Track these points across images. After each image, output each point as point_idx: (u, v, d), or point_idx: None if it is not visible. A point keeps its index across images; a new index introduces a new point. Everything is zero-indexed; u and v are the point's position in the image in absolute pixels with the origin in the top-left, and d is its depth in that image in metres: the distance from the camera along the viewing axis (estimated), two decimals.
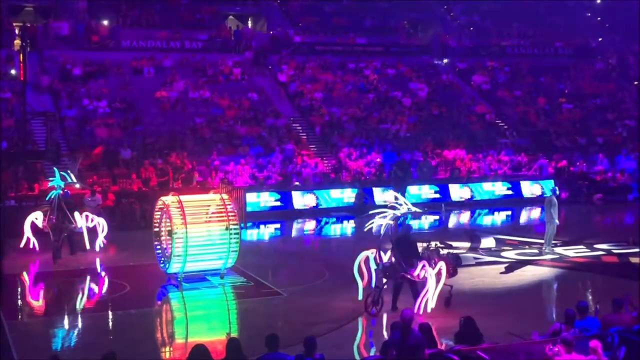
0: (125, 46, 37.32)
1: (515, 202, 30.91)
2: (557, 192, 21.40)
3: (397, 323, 10.66)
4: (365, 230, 16.43)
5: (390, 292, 14.98)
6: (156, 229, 18.16)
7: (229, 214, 17.30)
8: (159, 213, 18.00)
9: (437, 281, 14.59)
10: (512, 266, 19.11)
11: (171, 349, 13.69)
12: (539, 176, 32.48)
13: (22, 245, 20.61)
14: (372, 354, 12.10)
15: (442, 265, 14.68)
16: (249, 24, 45.41)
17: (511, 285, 17.57)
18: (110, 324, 15.24)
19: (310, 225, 27.90)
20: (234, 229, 17.28)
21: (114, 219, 25.03)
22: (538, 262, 19.74)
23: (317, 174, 30.99)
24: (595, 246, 21.46)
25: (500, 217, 29.52)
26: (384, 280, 14.94)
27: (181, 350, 12.97)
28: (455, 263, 15.46)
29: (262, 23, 44.81)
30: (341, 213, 29.01)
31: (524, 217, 29.19)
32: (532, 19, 47.45)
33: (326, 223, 28.16)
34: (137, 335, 14.00)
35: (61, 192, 20.84)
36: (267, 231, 27.03)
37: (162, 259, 17.85)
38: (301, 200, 29.24)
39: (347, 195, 29.74)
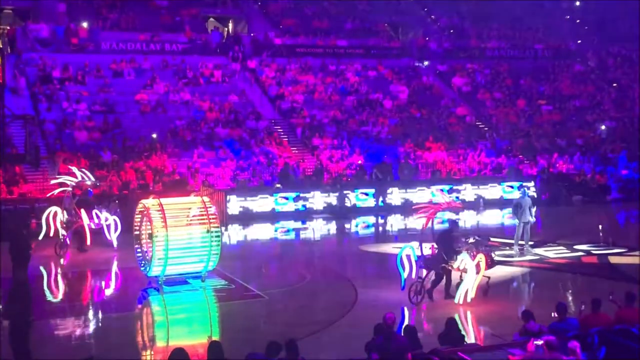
0: (105, 48, 37.16)
1: (494, 203, 31.04)
2: (525, 194, 21.54)
3: (381, 326, 10.68)
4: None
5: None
6: (137, 232, 18.08)
7: (210, 216, 17.25)
8: (140, 216, 17.91)
9: (477, 272, 15.27)
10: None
11: (152, 352, 13.60)
12: (520, 178, 32.63)
13: (40, 237, 21.29)
14: (354, 356, 12.10)
15: (481, 257, 15.40)
16: (230, 26, 45.34)
17: (491, 286, 17.60)
18: (91, 327, 15.13)
19: (291, 227, 27.89)
20: (215, 231, 17.24)
21: None
22: (518, 264, 19.82)
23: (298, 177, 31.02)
24: (575, 247, 21.61)
25: (481, 218, 29.61)
26: (424, 272, 15.66)
27: (162, 354, 12.90)
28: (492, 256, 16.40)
29: (242, 25, 44.75)
30: (323, 215, 29.02)
31: (504, 218, 29.30)
32: (512, 22, 47.72)
33: (307, 225, 28.16)
34: (117, 339, 13.91)
35: (72, 190, 21.51)
36: (249, 234, 26.97)
37: (143, 262, 17.76)
38: (282, 202, 29.22)
39: (328, 198, 29.76)
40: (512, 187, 31.79)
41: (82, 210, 21.27)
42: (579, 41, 47.67)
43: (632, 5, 43.10)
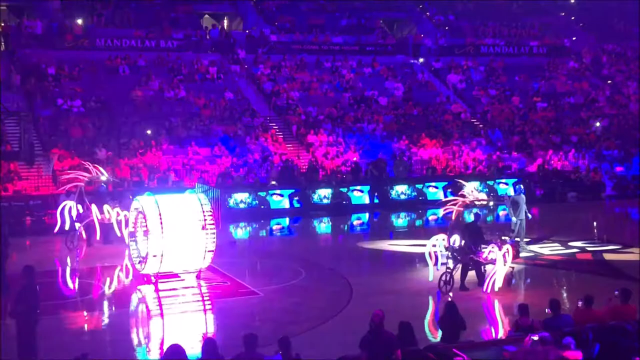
0: (99, 45, 37.04)
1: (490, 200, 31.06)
2: (521, 191, 21.61)
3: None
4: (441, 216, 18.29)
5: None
6: (132, 229, 18.06)
7: (205, 213, 17.23)
8: (135, 213, 17.89)
9: (504, 262, 15.97)
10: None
11: (147, 349, 13.62)
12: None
13: (55, 230, 21.88)
14: (349, 352, 12.11)
15: (508, 247, 16.16)
16: (225, 23, 45.28)
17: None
18: (86, 324, 15.13)
19: (286, 224, 27.89)
20: (210, 228, 17.22)
21: None
22: (514, 260, 19.81)
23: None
24: (570, 244, 21.64)
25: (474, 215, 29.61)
26: (451, 263, 16.29)
27: (157, 351, 12.92)
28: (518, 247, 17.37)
29: (237, 22, 44.70)
30: (318, 212, 29.01)
31: (499, 215, 29.34)
32: (507, 19, 47.74)
33: (302, 222, 28.16)
34: (112, 336, 13.93)
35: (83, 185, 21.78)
36: (244, 231, 26.96)
37: (138, 259, 17.73)
38: (278, 199, 29.21)
39: (324, 195, 29.76)
40: (507, 184, 31.82)
41: (93, 205, 21.43)
42: (574, 38, 47.70)
43: (627, 2, 43.21)
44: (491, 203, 17.92)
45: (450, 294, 15.80)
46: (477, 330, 13.63)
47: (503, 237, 17.54)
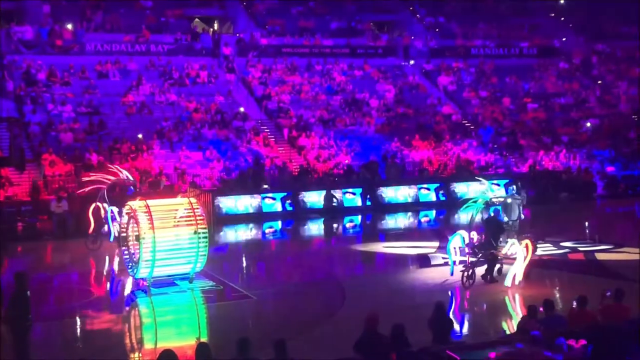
0: (89, 50, 36.94)
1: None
2: (515, 193, 21.79)
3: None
4: (462, 213, 19.47)
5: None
6: (123, 234, 18.00)
7: (198, 218, 17.19)
8: (126, 218, 17.84)
9: (524, 257, 16.45)
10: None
11: (140, 355, 13.56)
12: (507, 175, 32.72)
13: (90, 231, 22.33)
14: (343, 355, 12.09)
15: (528, 242, 16.68)
16: (215, 26, 45.23)
17: (479, 283, 17.65)
18: (78, 330, 15.06)
19: (279, 227, 27.87)
20: (203, 233, 17.18)
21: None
22: (505, 261, 19.83)
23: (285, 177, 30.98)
24: (562, 244, 21.67)
25: (467, 216, 29.62)
26: (469, 259, 16.61)
27: (150, 356, 12.86)
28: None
29: (228, 26, 44.65)
30: (310, 215, 28.99)
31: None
32: (497, 20, 47.83)
33: (295, 225, 28.13)
34: (105, 342, 13.85)
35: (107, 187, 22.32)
36: (236, 235, 26.91)
37: (130, 264, 17.68)
38: (270, 202, 29.18)
39: (316, 198, 29.73)
40: (498, 185, 31.82)
41: (113, 207, 21.63)
42: (564, 39, 47.83)
43: (616, 3, 43.38)
44: (509, 200, 18.21)
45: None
46: (494, 326, 13.87)
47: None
